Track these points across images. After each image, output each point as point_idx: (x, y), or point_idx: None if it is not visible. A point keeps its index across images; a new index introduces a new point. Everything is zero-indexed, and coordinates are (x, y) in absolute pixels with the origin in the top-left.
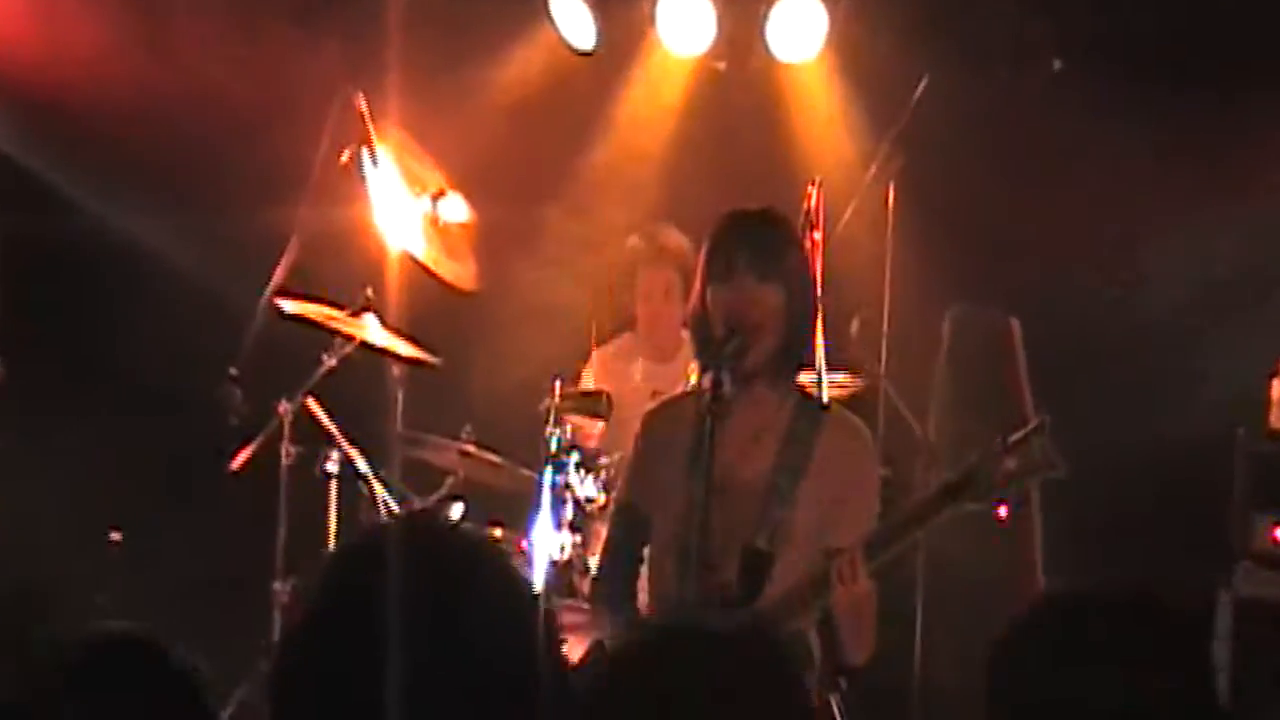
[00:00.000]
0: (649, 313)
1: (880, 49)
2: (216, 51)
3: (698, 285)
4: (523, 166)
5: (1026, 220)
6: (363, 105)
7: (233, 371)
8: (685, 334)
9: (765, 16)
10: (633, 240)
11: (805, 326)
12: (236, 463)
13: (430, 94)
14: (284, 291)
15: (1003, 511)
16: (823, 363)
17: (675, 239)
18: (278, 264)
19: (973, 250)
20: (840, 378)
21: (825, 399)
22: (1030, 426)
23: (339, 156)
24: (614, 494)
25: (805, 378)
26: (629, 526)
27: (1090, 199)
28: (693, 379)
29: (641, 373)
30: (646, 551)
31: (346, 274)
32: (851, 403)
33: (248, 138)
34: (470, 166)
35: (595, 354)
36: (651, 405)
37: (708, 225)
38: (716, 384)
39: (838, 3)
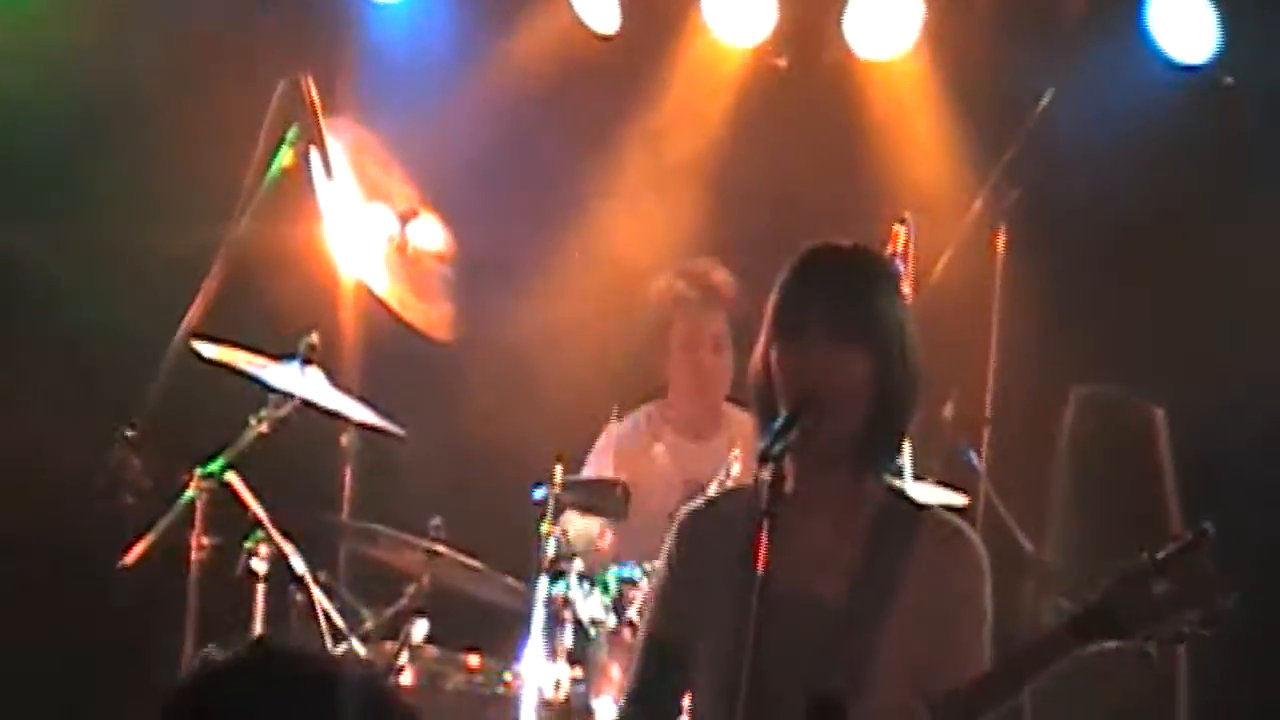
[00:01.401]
0: (690, 370)
1: (991, 48)
2: (118, 36)
3: (761, 343)
4: (519, 181)
5: (1178, 277)
6: (312, 92)
7: (129, 432)
8: (728, 409)
9: (843, 2)
10: (665, 280)
11: (899, 403)
12: (130, 556)
13: (400, 85)
14: (202, 332)
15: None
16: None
17: (721, 275)
18: (195, 295)
19: (1106, 315)
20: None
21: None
22: (1188, 538)
23: (279, 158)
24: (640, 622)
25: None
26: (661, 665)
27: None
28: (734, 467)
29: (669, 453)
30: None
31: (286, 311)
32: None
33: (162, 133)
34: (450, 179)
35: (608, 430)
36: (680, 497)
37: (760, 263)
38: (778, 475)
39: None
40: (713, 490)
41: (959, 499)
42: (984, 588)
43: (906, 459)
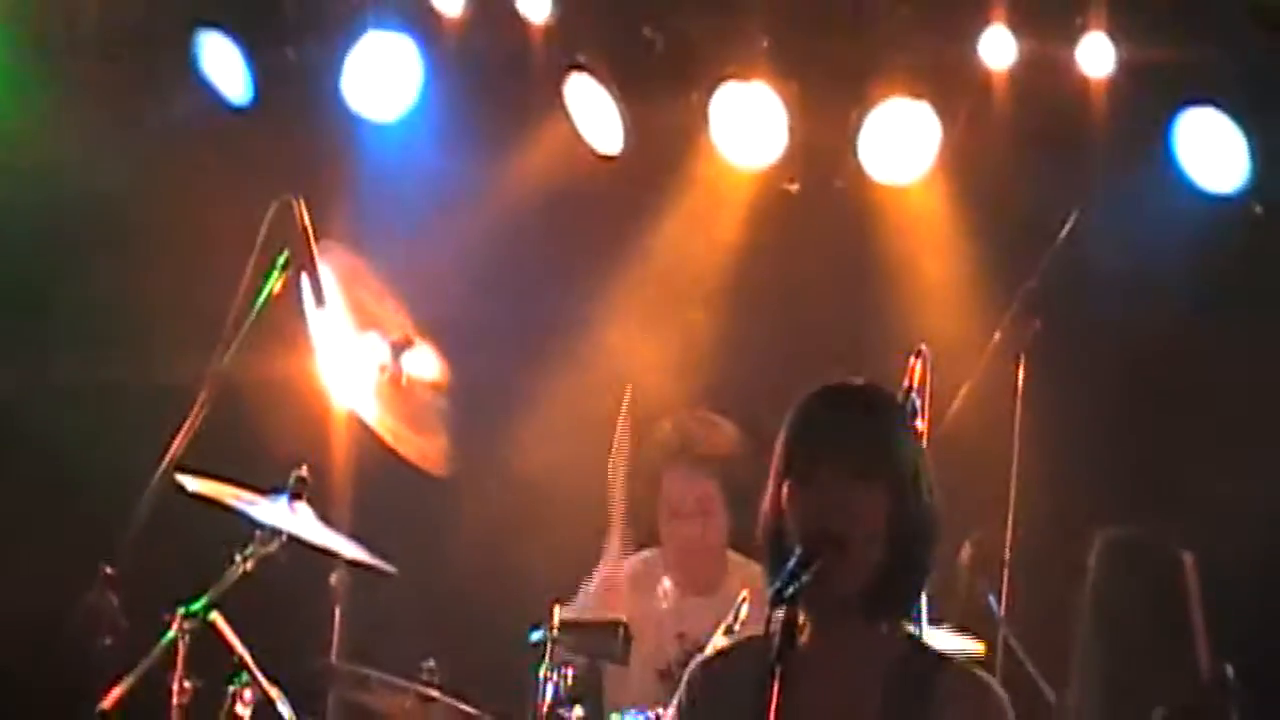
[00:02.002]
0: (676, 534)
1: (1011, 172)
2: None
3: (771, 484)
4: (516, 308)
5: (1206, 412)
6: (304, 215)
7: (108, 570)
8: (734, 560)
9: (858, 124)
10: (662, 430)
11: (917, 544)
12: (108, 700)
13: (394, 208)
14: (187, 465)
15: None
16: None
17: (717, 436)
18: (180, 426)
19: (1132, 452)
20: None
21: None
22: (1211, 688)
23: (269, 283)
24: None
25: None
26: None
27: None
28: (743, 609)
29: (669, 601)
30: None
31: (275, 444)
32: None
33: (148, 256)
34: (445, 306)
35: (616, 562)
36: (674, 651)
37: (770, 395)
38: (791, 620)
39: (956, 110)
40: (716, 640)
41: (977, 646)
42: None
43: (923, 602)
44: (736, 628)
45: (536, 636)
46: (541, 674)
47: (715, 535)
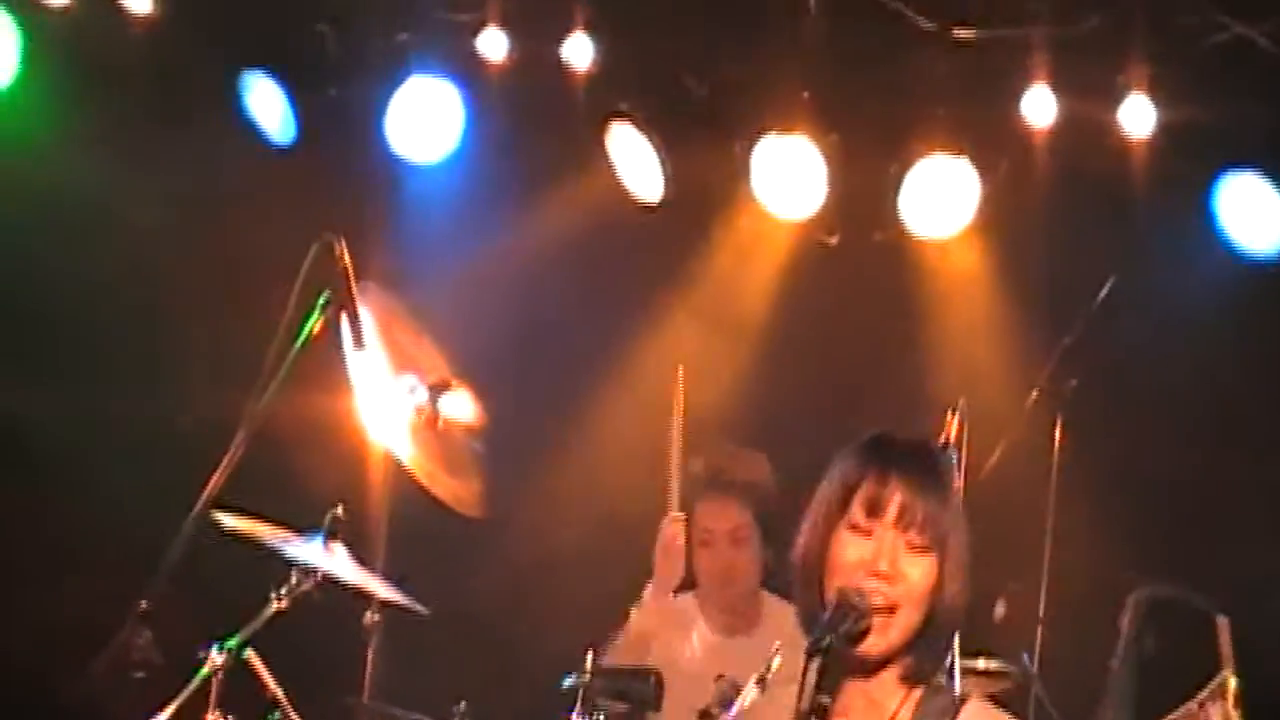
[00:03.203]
0: (709, 565)
1: (1051, 230)
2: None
3: (813, 525)
4: (554, 354)
5: (1242, 474)
6: (344, 256)
7: (143, 605)
8: (768, 600)
9: (899, 179)
10: (693, 464)
11: (954, 610)
12: None
13: (434, 249)
14: (223, 502)
15: None
16: (956, 649)
17: (747, 465)
18: (218, 464)
19: (1168, 514)
20: (980, 663)
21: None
22: (1204, 692)
23: (309, 324)
24: None
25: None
26: None
27: None
28: (775, 661)
29: (702, 646)
30: None
31: (312, 483)
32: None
33: (189, 294)
34: (483, 350)
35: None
36: (712, 694)
37: (805, 444)
38: (824, 673)
39: (995, 166)
40: (749, 691)
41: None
42: None
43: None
44: (770, 678)
45: (569, 682)
46: (574, 719)
47: (748, 565)
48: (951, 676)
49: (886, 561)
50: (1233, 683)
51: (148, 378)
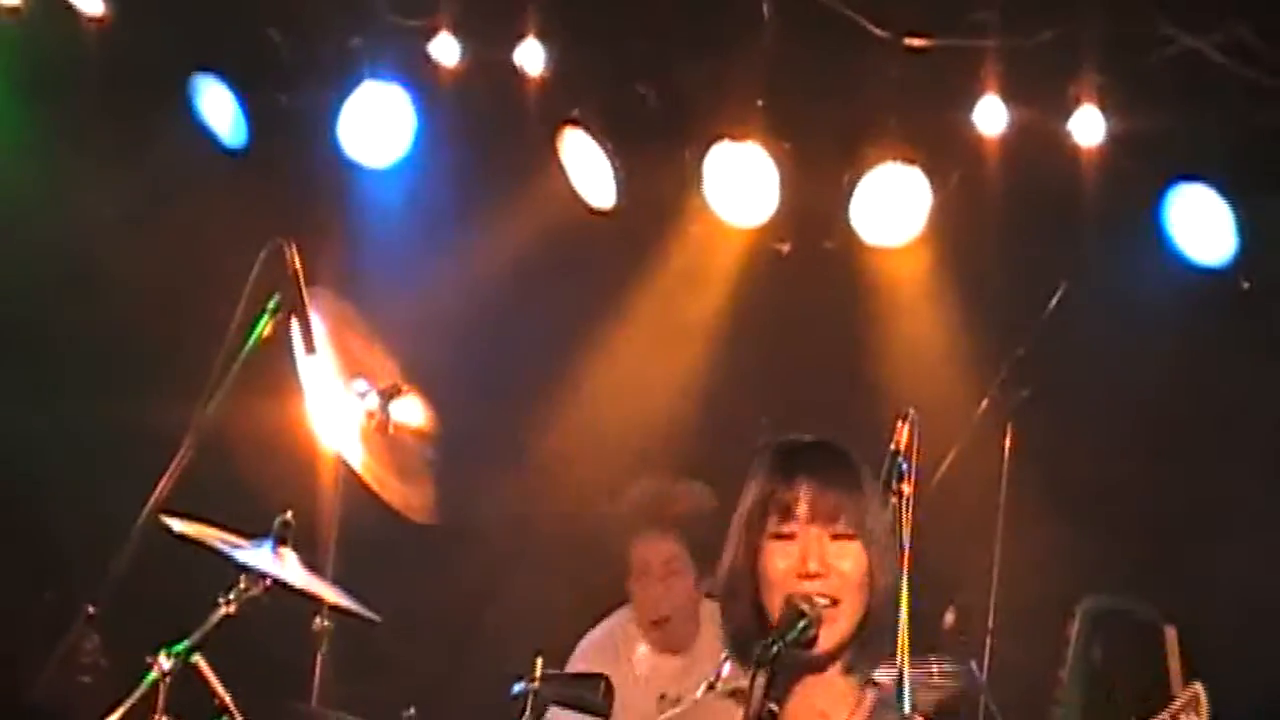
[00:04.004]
0: (644, 595)
1: (1003, 239)
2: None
3: (741, 539)
4: (505, 359)
5: (1192, 486)
6: (295, 260)
7: (90, 609)
8: (706, 606)
9: (850, 188)
10: (629, 497)
11: (891, 603)
12: None
13: (386, 255)
14: (171, 507)
15: None
16: (905, 660)
17: (682, 500)
18: (167, 469)
19: (1117, 524)
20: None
21: (907, 705)
22: (1176, 704)
23: (259, 328)
24: None
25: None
26: None
27: None
28: (725, 668)
29: (644, 668)
30: None
31: (261, 488)
32: (940, 716)
33: (138, 298)
34: (434, 355)
35: (581, 647)
36: (655, 712)
37: (751, 456)
38: (771, 683)
39: (948, 176)
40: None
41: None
42: None
43: (904, 659)
44: (719, 686)
45: (518, 689)
46: None
47: (682, 594)
48: (902, 692)
49: (815, 560)
50: (1203, 696)
51: (95, 381)
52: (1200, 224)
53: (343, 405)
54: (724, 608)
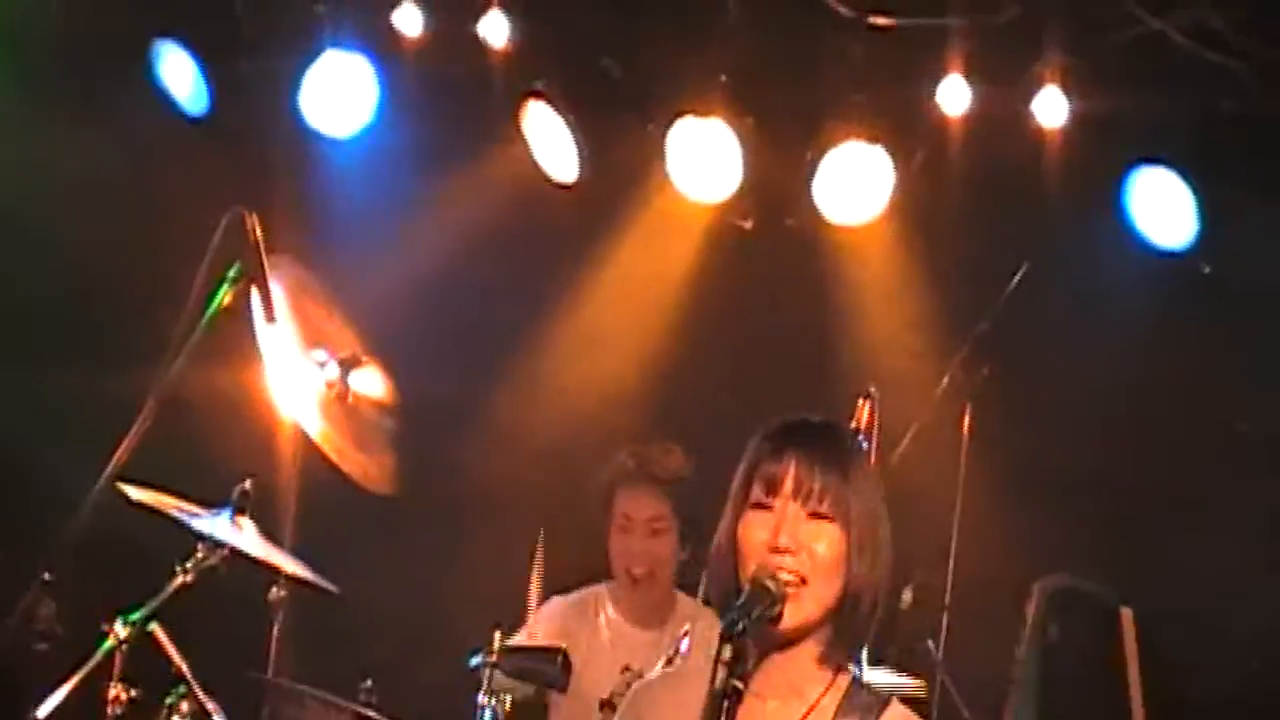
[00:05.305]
0: (624, 549)
1: (965, 219)
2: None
3: (727, 515)
4: (465, 330)
5: (1149, 466)
6: (256, 228)
7: (46, 575)
8: (682, 601)
9: (813, 165)
10: (618, 457)
11: (869, 587)
12: (44, 709)
13: (347, 224)
14: (130, 476)
15: None
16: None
17: (672, 460)
18: (125, 436)
19: (1075, 505)
20: (889, 678)
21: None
22: None
23: (219, 296)
24: None
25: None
26: None
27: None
28: (684, 643)
29: (611, 635)
30: None
31: (220, 457)
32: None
33: (95, 265)
34: (395, 326)
35: (550, 603)
36: (618, 683)
37: (717, 432)
38: (738, 657)
39: (911, 155)
40: (659, 668)
41: (918, 684)
42: None
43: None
44: (678, 661)
45: (475, 661)
46: (480, 699)
47: (664, 555)
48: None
49: (787, 534)
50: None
51: (52, 347)
52: (1162, 207)
53: (302, 375)
54: (713, 583)
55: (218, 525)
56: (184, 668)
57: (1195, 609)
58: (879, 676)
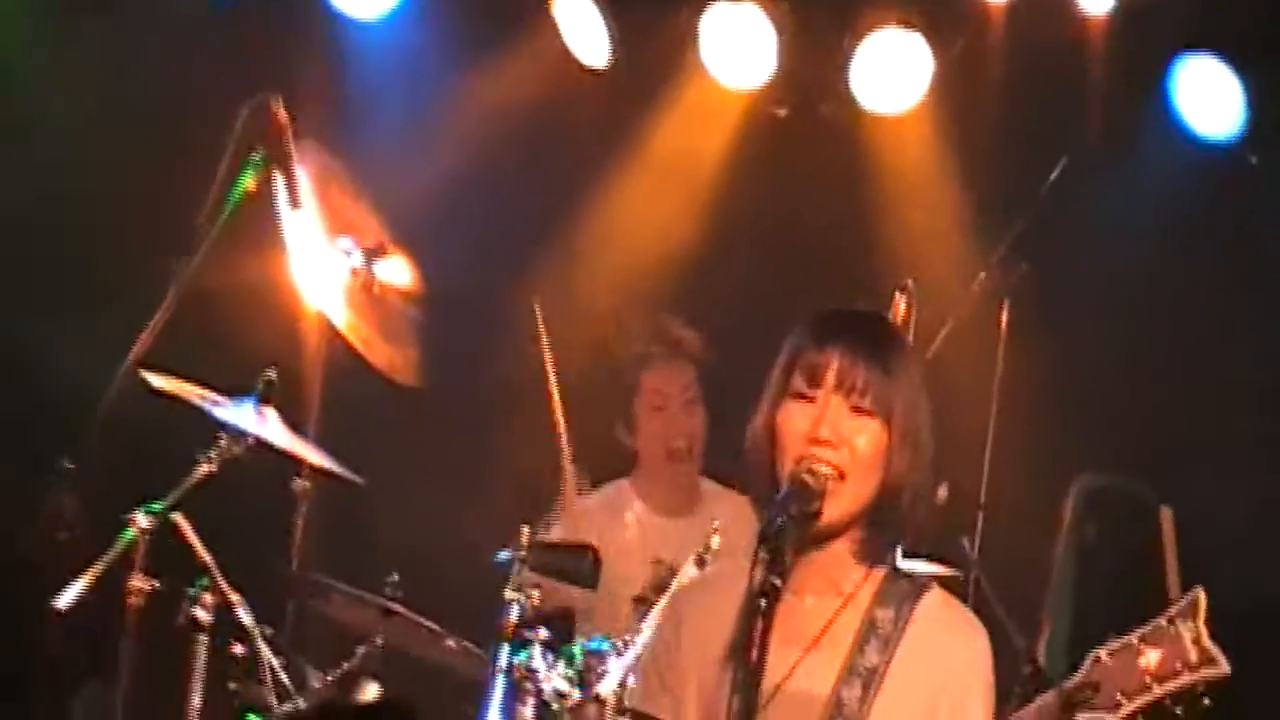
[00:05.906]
0: (660, 431)
1: (1005, 109)
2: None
3: (765, 406)
4: (495, 222)
5: (1190, 365)
6: (280, 115)
7: (67, 464)
8: (706, 486)
9: (850, 53)
10: (639, 335)
11: (909, 484)
12: (64, 599)
13: (374, 111)
14: (153, 364)
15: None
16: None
17: (693, 336)
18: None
19: (1115, 403)
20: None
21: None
22: (1175, 608)
23: (242, 183)
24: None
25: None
26: None
27: None
28: (714, 540)
29: (638, 528)
30: None
31: (244, 345)
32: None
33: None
34: (422, 215)
35: (575, 504)
36: (648, 576)
37: (748, 319)
38: (776, 555)
39: (950, 42)
40: (688, 570)
41: (952, 572)
42: (986, 685)
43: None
44: (709, 558)
45: (503, 556)
46: (507, 594)
47: (698, 429)
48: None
49: (829, 427)
50: (1203, 600)
51: (78, 236)
52: (1208, 96)
53: (327, 263)
54: (749, 474)
55: (241, 414)
56: (207, 559)
57: (1236, 516)
58: (915, 566)
